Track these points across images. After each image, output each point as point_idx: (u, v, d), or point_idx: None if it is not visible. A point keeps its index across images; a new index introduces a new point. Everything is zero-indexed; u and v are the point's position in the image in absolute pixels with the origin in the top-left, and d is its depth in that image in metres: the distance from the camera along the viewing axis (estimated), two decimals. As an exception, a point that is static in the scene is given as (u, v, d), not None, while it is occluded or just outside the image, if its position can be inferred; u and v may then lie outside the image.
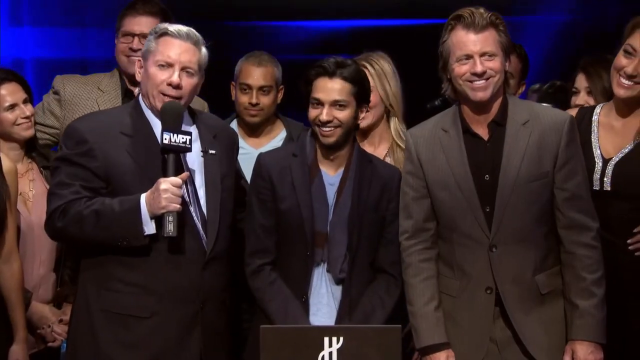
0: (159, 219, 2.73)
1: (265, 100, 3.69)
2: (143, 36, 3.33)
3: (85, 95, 3.54)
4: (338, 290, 3.02)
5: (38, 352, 3.19)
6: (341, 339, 2.37)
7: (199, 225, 2.86)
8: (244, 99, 3.68)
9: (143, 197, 2.73)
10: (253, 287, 3.06)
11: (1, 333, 2.99)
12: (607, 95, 3.35)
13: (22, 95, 3.32)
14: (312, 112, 2.97)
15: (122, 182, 2.80)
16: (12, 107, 3.28)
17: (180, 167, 2.80)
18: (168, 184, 2.69)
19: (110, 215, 2.73)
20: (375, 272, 3.10)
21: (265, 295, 3.02)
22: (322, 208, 3.00)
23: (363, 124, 3.32)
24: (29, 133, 3.32)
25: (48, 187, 3.08)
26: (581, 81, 3.53)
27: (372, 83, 3.37)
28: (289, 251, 3.04)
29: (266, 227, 3.04)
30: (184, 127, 2.84)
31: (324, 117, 2.94)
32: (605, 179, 3.07)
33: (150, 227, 2.74)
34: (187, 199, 2.81)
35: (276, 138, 3.78)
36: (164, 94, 2.82)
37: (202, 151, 2.89)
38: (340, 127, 2.97)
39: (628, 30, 3.07)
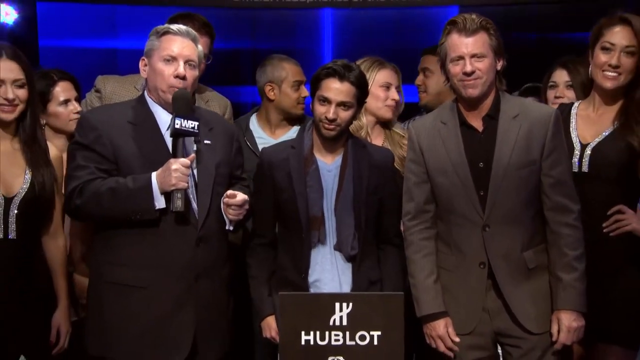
0: (167, 195, 2.81)
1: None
2: None
3: (123, 93, 3.60)
4: (345, 267, 3.09)
5: (78, 321, 3.25)
6: (350, 304, 2.42)
7: (194, 206, 2.92)
8: (296, 96, 3.83)
9: (154, 175, 2.81)
10: (246, 261, 3.21)
11: (46, 301, 3.07)
12: (584, 88, 3.42)
13: (74, 93, 3.43)
14: (319, 109, 3.03)
15: (128, 165, 2.88)
16: (66, 102, 3.39)
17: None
18: (178, 164, 2.78)
19: (125, 191, 2.81)
20: (381, 243, 3.20)
21: (250, 271, 3.20)
22: (316, 195, 3.07)
23: (391, 115, 3.52)
24: None
25: None
26: (561, 76, 3.58)
27: (398, 83, 3.55)
28: (290, 234, 3.13)
29: (264, 213, 3.16)
30: None
31: (330, 115, 3.00)
32: (583, 161, 3.13)
33: (160, 202, 2.82)
34: None
35: (291, 130, 3.87)
36: (173, 87, 2.90)
37: (196, 141, 2.94)
38: (342, 126, 3.05)
39: (596, 34, 3.15)
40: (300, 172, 3.08)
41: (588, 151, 3.14)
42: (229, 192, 2.89)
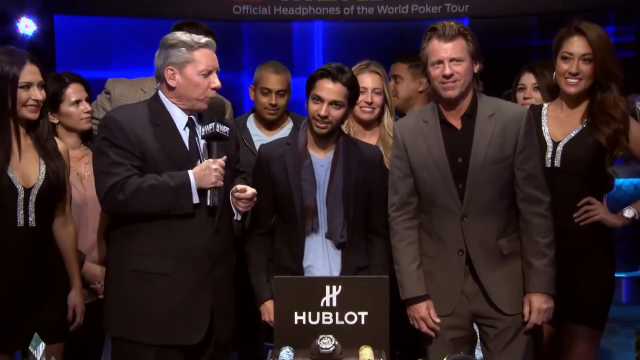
0: (199, 191, 2.82)
1: (281, 101, 3.81)
2: None
3: (130, 95, 3.59)
4: (335, 254, 3.10)
5: (90, 303, 3.26)
6: (340, 287, 2.44)
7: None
8: (264, 100, 3.79)
9: (191, 174, 2.81)
10: (246, 250, 3.21)
11: (62, 282, 3.10)
12: (549, 90, 3.43)
13: (84, 94, 3.41)
14: (313, 107, 3.05)
15: (153, 161, 2.86)
16: (77, 103, 3.37)
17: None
18: (217, 165, 2.81)
19: (165, 188, 2.80)
20: (370, 233, 3.19)
21: (250, 259, 3.20)
22: (310, 187, 3.07)
23: (366, 117, 3.45)
24: (89, 126, 3.39)
25: None
26: (528, 79, 3.58)
27: (382, 85, 3.49)
28: (286, 224, 3.13)
29: (262, 206, 3.13)
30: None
31: (322, 112, 3.01)
32: (556, 157, 3.13)
33: (196, 198, 2.83)
34: None
35: (284, 129, 3.86)
36: (208, 96, 2.91)
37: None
38: (333, 123, 3.05)
39: (557, 44, 3.17)
40: (295, 166, 3.09)
41: (559, 148, 3.14)
42: (239, 187, 2.90)
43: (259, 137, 3.78)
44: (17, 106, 2.92)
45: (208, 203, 2.83)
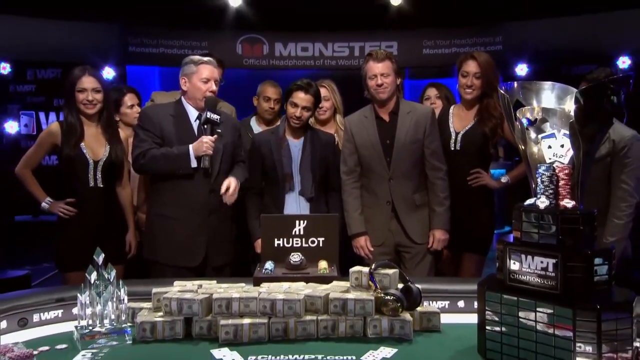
0: (197, 159, 2.69)
1: (277, 106, 3.66)
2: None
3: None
4: (305, 205, 2.99)
5: (140, 241, 3.08)
6: (305, 221, 2.32)
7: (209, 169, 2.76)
8: (265, 105, 3.60)
9: (190, 146, 2.69)
10: (245, 205, 3.06)
11: (122, 226, 3.01)
12: (447, 100, 3.42)
13: (136, 100, 3.33)
14: (290, 110, 2.94)
15: (169, 141, 2.73)
16: (132, 106, 3.29)
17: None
18: (208, 139, 2.68)
19: (172, 155, 2.69)
20: (328, 190, 3.07)
21: (248, 210, 3.03)
22: (287, 161, 2.96)
23: (323, 117, 3.32)
24: None
25: None
26: (432, 91, 3.57)
27: (329, 94, 3.37)
28: (272, 185, 3.02)
29: (255, 174, 3.01)
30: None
31: (297, 114, 2.92)
32: (457, 143, 3.02)
33: (194, 163, 2.70)
34: None
35: (276, 125, 3.69)
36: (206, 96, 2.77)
37: (216, 131, 2.77)
38: (303, 121, 2.96)
39: (459, 64, 3.06)
40: (278, 147, 2.99)
41: (460, 137, 3.04)
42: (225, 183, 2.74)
43: (258, 130, 3.60)
44: (76, 104, 2.85)
45: (202, 165, 2.70)
